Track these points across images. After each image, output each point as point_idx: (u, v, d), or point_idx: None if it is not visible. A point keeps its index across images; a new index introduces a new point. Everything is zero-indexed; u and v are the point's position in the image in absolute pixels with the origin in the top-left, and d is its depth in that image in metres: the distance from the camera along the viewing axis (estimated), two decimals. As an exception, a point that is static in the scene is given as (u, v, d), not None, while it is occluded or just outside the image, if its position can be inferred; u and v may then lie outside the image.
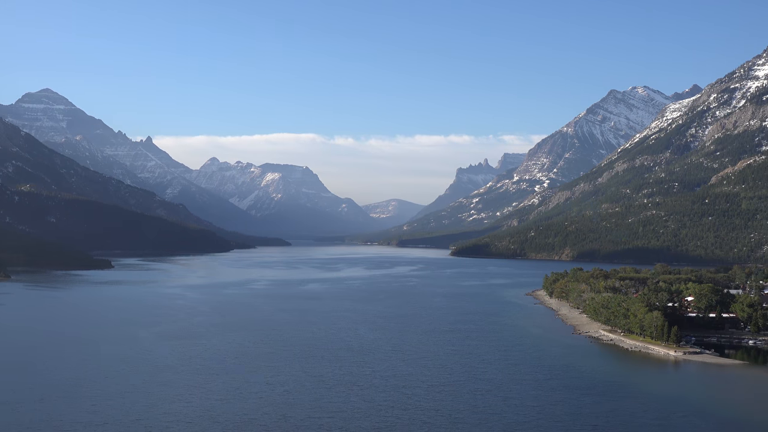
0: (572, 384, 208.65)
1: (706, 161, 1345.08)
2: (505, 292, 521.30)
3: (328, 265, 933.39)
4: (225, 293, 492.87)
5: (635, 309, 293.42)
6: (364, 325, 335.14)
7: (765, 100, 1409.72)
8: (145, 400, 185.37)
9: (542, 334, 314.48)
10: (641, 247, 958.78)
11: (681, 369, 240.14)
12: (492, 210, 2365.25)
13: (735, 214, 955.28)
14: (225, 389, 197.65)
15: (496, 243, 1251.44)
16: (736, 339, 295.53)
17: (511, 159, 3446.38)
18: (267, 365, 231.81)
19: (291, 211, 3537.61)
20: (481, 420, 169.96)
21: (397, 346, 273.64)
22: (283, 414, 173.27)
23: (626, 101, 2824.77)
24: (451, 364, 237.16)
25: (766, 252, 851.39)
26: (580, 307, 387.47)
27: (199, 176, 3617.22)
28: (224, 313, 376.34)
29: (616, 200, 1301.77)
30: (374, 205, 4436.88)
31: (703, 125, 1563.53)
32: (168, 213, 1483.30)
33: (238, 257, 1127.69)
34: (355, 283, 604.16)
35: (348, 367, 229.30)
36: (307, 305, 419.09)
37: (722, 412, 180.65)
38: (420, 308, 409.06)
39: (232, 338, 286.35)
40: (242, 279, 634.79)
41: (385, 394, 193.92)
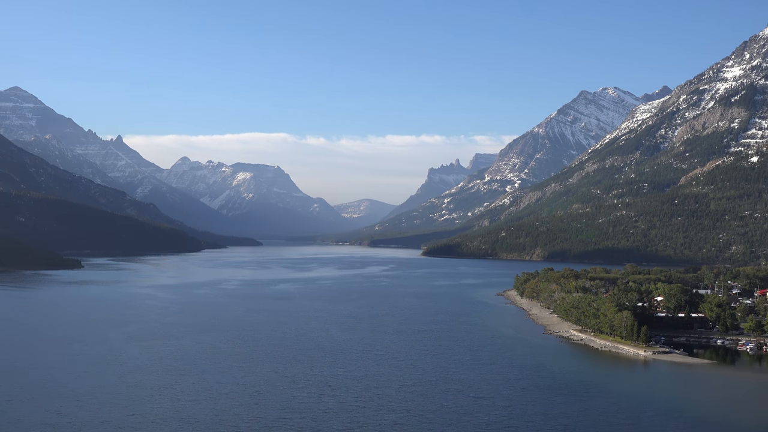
0: (543, 384, 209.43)
1: (675, 162, 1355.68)
2: (476, 292, 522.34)
3: (300, 265, 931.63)
4: (196, 293, 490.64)
5: (605, 309, 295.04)
6: (335, 325, 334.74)
7: (733, 101, 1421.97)
8: (114, 402, 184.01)
9: (513, 334, 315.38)
10: (611, 248, 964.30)
11: (650, 368, 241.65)
12: (463, 210, 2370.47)
13: (704, 214, 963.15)
14: (196, 390, 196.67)
15: (467, 243, 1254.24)
16: (705, 338, 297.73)
17: (483, 159, 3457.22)
18: (238, 366, 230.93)
19: (262, 210, 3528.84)
20: (452, 420, 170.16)
21: (369, 346, 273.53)
22: (255, 415, 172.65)
23: (597, 102, 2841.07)
24: (423, 365, 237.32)
25: (734, 252, 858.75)
26: (551, 307, 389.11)
27: (170, 176, 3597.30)
28: (195, 313, 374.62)
29: (587, 201, 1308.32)
30: (346, 205, 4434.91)
31: (672, 126, 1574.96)
32: (138, 212, 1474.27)
33: (209, 257, 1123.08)
34: (327, 283, 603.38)
35: (319, 368, 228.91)
36: (279, 305, 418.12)
37: (691, 411, 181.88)
38: (391, 308, 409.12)
39: (202, 339, 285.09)
40: (213, 279, 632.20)
41: (356, 394, 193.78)
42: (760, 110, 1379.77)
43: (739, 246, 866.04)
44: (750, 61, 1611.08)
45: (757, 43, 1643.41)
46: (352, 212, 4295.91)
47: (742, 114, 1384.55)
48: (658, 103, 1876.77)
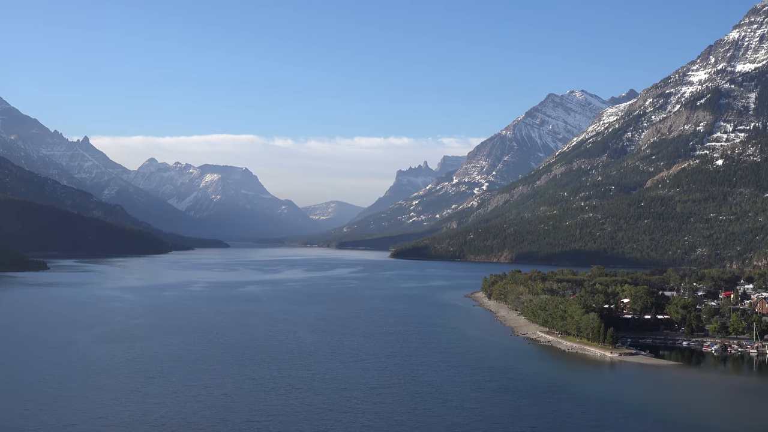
0: (511, 386, 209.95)
1: (642, 165, 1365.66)
2: (444, 294, 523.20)
3: (268, 266, 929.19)
4: (163, 295, 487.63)
5: (572, 311, 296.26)
6: (303, 327, 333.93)
7: (699, 105, 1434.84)
8: (79, 405, 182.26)
9: (481, 336, 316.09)
10: (578, 250, 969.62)
11: (617, 370, 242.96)
12: (431, 212, 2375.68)
13: (670, 217, 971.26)
14: (162, 393, 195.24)
15: (435, 245, 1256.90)
16: (671, 340, 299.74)
17: (451, 161, 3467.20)
18: (205, 368, 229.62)
19: (230, 212, 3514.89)
20: (420, 422, 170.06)
21: (337, 348, 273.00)
22: (222, 418, 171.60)
23: (564, 105, 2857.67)
24: (391, 367, 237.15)
25: (699, 254, 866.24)
26: (519, 309, 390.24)
27: (137, 177, 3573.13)
28: (162, 315, 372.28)
29: (554, 203, 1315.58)
30: (314, 206, 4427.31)
31: (639, 129, 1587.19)
32: (105, 214, 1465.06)
33: (176, 259, 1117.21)
34: (295, 285, 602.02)
35: (287, 370, 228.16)
36: (246, 307, 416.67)
37: (657, 412, 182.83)
38: (359, 310, 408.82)
39: (169, 341, 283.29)
40: (180, 281, 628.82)
41: (324, 396, 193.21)
42: (725, 114, 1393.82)
43: (705, 248, 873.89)
44: (715, 65, 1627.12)
45: (722, 47, 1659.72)
46: (321, 214, 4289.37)
47: (707, 117, 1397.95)
48: (625, 107, 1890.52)
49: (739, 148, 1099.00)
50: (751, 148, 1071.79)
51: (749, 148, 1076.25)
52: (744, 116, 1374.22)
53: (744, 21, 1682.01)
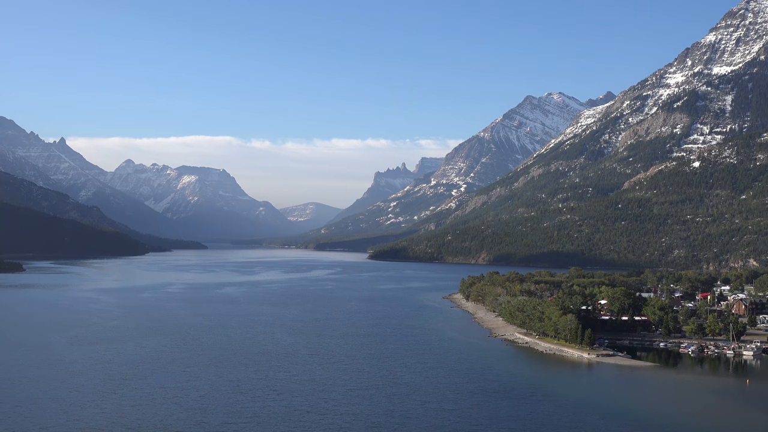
0: (489, 387, 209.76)
1: (619, 167, 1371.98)
2: (422, 296, 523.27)
3: (245, 268, 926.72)
4: (140, 297, 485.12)
5: (550, 312, 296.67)
6: (281, 328, 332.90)
7: (676, 107, 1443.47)
8: (55, 407, 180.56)
9: (459, 337, 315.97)
10: (556, 251, 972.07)
11: (594, 371, 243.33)
12: (410, 214, 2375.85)
13: (647, 218, 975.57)
14: (138, 395, 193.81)
15: (413, 247, 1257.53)
16: (648, 341, 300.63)
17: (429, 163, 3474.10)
18: (182, 370, 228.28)
19: (208, 214, 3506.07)
20: (398, 424, 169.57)
21: (315, 350, 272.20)
22: (199, 420, 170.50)
23: (542, 107, 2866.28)
24: (369, 368, 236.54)
25: (676, 256, 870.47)
26: (496, 310, 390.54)
27: (114, 178, 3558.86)
28: (138, 317, 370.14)
29: (532, 205, 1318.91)
30: (292, 208, 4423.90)
31: (616, 131, 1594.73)
32: (82, 215, 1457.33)
33: (153, 260, 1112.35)
34: (273, 287, 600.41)
35: (265, 372, 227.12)
36: (224, 309, 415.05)
37: (634, 413, 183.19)
38: (337, 312, 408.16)
39: (146, 343, 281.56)
40: (157, 282, 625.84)
41: (302, 398, 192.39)
42: (701, 116, 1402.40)
43: (682, 250, 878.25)
44: (692, 68, 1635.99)
45: (699, 50, 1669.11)
46: (298, 216, 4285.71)
47: (684, 120, 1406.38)
48: (603, 109, 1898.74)
49: (716, 150, 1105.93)
50: (728, 150, 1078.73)
51: (726, 150, 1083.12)
52: (720, 118, 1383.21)
53: (720, 24, 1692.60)
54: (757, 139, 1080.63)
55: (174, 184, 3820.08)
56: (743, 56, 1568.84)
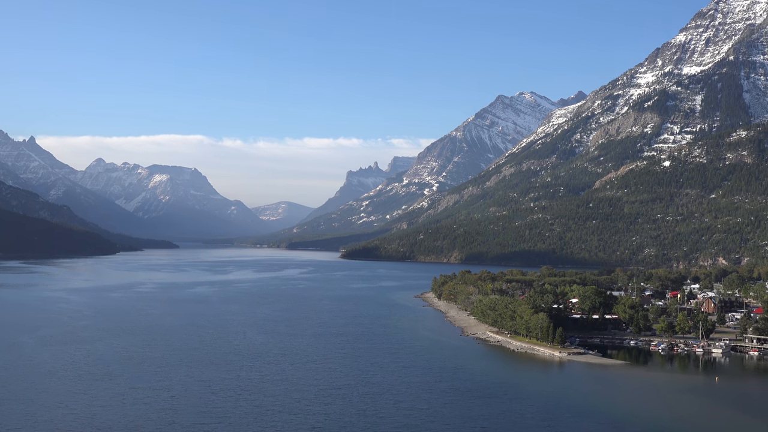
0: (462, 386, 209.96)
1: (590, 166, 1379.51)
2: (394, 295, 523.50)
3: (217, 267, 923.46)
4: (110, 297, 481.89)
5: (521, 311, 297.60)
6: (252, 328, 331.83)
7: (646, 107, 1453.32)
8: (24, 408, 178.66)
9: (431, 336, 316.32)
10: (528, 250, 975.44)
11: (566, 369, 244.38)
12: (382, 213, 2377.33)
13: (618, 217, 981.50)
14: (109, 395, 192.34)
15: (385, 246, 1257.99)
16: (618, 339, 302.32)
17: (401, 162, 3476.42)
18: (153, 370, 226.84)
19: (179, 213, 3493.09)
20: (371, 424, 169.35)
21: (286, 349, 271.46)
22: (170, 420, 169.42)
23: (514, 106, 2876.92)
24: (341, 368, 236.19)
25: (647, 255, 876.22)
26: (468, 309, 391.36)
27: (85, 177, 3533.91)
28: (109, 317, 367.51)
29: (504, 204, 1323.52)
30: (264, 207, 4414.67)
31: (587, 131, 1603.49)
32: (52, 215, 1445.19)
33: (124, 260, 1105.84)
34: (244, 286, 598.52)
35: (236, 372, 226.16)
36: (195, 309, 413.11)
37: (606, 411, 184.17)
38: (309, 311, 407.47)
39: (116, 343, 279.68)
40: (128, 282, 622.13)
41: (273, 398, 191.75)
42: (672, 116, 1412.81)
43: (652, 249, 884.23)
44: (662, 68, 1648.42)
45: (669, 50, 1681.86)
46: (270, 215, 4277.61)
47: (654, 119, 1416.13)
48: (574, 108, 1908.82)
49: (686, 150, 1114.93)
50: (698, 150, 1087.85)
51: (695, 150, 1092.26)
52: (690, 118, 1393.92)
53: (690, 24, 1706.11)
54: (727, 139, 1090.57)
55: (145, 183, 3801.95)
56: (713, 56, 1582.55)
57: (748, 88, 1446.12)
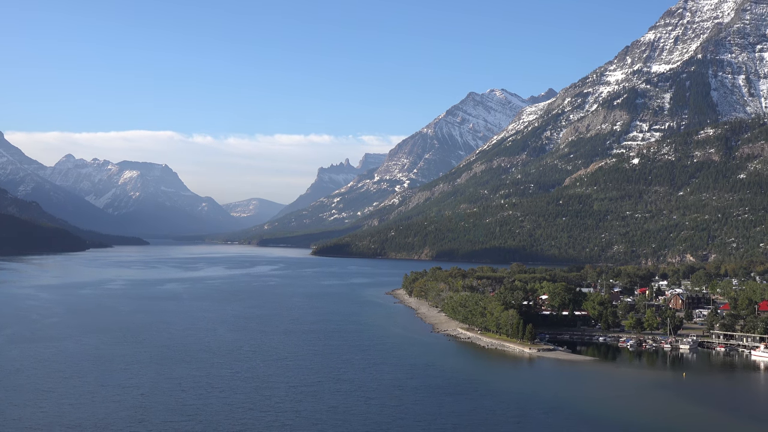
0: (433, 383, 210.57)
1: (560, 163, 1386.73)
2: (365, 292, 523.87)
3: (188, 264, 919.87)
4: (80, 294, 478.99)
5: (492, 307, 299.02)
6: (223, 325, 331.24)
7: (616, 105, 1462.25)
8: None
9: (402, 333, 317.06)
10: (498, 247, 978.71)
11: (535, 366, 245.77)
12: (353, 210, 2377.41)
13: (587, 214, 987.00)
14: (78, 393, 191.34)
15: (356, 242, 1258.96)
16: (588, 336, 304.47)
17: (373, 159, 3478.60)
18: (123, 368, 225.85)
19: (150, 209, 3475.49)
20: (342, 421, 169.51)
21: (257, 346, 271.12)
22: (140, 418, 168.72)
23: (484, 104, 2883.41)
24: (312, 365, 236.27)
25: (616, 252, 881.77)
26: (439, 305, 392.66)
27: (54, 173, 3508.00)
28: (79, 314, 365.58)
29: (475, 201, 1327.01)
30: (235, 204, 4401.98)
31: (557, 128, 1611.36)
32: (20, 211, 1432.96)
33: (94, 256, 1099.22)
34: (215, 283, 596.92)
35: (207, 369, 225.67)
36: (165, 306, 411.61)
37: (575, 407, 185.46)
38: (280, 308, 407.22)
39: (86, 340, 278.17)
40: (98, 279, 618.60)
41: (244, 395, 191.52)
42: (641, 113, 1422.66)
43: (621, 245, 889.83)
44: (632, 66, 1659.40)
45: (639, 48, 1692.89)
46: (242, 211, 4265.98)
47: (624, 117, 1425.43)
48: (544, 106, 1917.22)
49: (655, 147, 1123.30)
50: (666, 148, 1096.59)
51: (664, 147, 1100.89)
52: (659, 116, 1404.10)
53: (659, 23, 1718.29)
54: (695, 137, 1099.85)
55: (115, 180, 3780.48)
56: (681, 55, 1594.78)
57: (716, 86, 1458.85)
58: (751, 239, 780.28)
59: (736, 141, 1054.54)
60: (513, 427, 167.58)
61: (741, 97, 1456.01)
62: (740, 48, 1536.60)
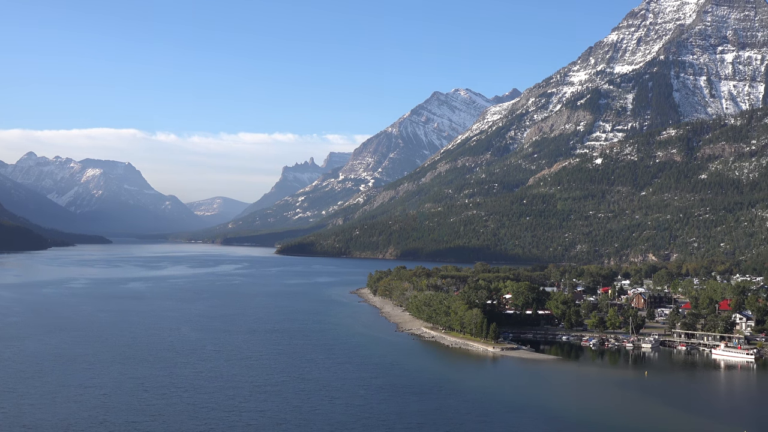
0: (398, 383, 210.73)
1: (524, 163, 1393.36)
2: (329, 291, 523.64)
3: (151, 263, 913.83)
4: (41, 293, 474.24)
5: (456, 307, 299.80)
6: (187, 324, 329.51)
7: (579, 105, 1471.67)
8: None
9: (367, 332, 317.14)
10: (462, 246, 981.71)
11: (499, 365, 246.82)
12: (318, 209, 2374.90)
13: (551, 214, 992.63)
14: (39, 394, 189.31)
15: (321, 241, 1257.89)
16: (551, 335, 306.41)
17: (337, 158, 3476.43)
18: (85, 368, 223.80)
19: (113, 208, 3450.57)
20: (306, 421, 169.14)
21: (221, 346, 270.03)
22: (102, 419, 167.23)
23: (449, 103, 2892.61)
24: (276, 364, 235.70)
25: (579, 251, 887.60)
26: (403, 305, 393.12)
27: (15, 171, 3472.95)
28: (40, 313, 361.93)
29: (439, 200, 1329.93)
30: (199, 202, 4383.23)
31: (521, 128, 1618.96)
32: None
33: (55, 255, 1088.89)
34: (179, 282, 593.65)
35: (170, 369, 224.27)
36: (128, 305, 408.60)
37: (539, 406, 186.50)
38: (244, 307, 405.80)
39: (47, 340, 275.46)
40: (60, 278, 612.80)
41: (208, 395, 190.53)
42: (604, 114, 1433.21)
43: (584, 245, 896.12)
44: (595, 66, 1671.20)
45: (602, 48, 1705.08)
46: (206, 210, 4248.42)
47: (587, 117, 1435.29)
48: (508, 105, 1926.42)
49: (617, 148, 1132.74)
50: (629, 148, 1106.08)
51: (627, 148, 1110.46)
52: (622, 116, 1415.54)
53: (623, 24, 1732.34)
54: (657, 137, 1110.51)
55: (78, 178, 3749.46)
56: (644, 56, 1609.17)
57: (678, 87, 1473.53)
58: (712, 239, 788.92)
59: (697, 142, 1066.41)
60: (477, 426, 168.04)
61: (702, 99, 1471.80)
62: (702, 50, 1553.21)
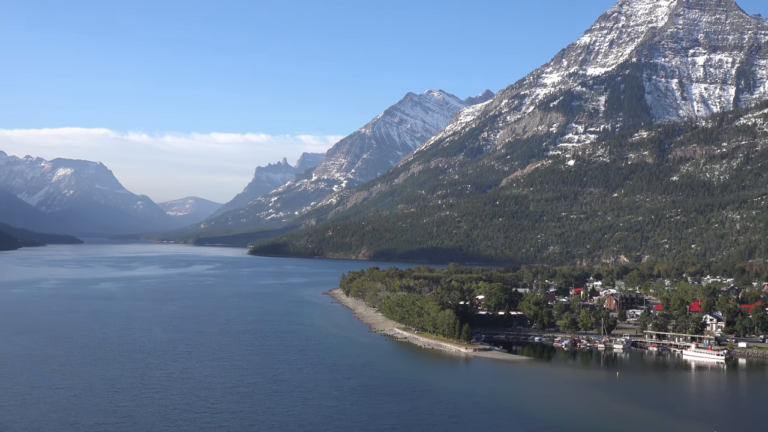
0: (370, 383, 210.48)
1: (497, 164, 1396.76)
2: (302, 291, 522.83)
3: (123, 263, 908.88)
4: (11, 293, 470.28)
5: (428, 307, 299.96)
6: (158, 325, 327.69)
7: (552, 106, 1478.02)
8: None
9: (339, 333, 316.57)
10: (435, 247, 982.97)
11: (472, 365, 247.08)
12: (290, 209, 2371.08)
13: (523, 215, 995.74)
14: (8, 395, 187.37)
15: (294, 242, 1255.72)
16: (523, 336, 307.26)
17: (310, 159, 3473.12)
18: (55, 369, 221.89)
19: (84, 208, 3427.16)
20: (279, 422, 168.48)
21: (193, 347, 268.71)
22: (72, 421, 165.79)
23: (423, 104, 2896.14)
24: (249, 366, 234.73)
25: (551, 252, 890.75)
26: (376, 305, 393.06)
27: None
28: (9, 313, 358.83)
29: (412, 201, 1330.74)
30: (171, 202, 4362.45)
31: (494, 129, 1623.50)
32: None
33: (25, 255, 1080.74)
34: (150, 283, 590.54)
35: (141, 370, 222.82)
36: (99, 305, 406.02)
37: (511, 407, 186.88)
38: (217, 308, 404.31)
39: (17, 340, 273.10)
40: (30, 278, 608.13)
41: (179, 396, 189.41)
42: (576, 115, 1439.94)
43: (556, 246, 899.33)
44: (568, 68, 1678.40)
45: (575, 51, 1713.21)
46: (178, 210, 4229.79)
47: (560, 119, 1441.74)
48: (482, 107, 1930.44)
49: (590, 149, 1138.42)
50: (601, 150, 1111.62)
51: (599, 149, 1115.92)
52: (594, 118, 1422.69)
53: (595, 26, 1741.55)
54: (629, 139, 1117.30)
55: (49, 177, 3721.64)
56: (616, 58, 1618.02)
57: (650, 89, 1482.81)
58: (683, 240, 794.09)
59: (669, 144, 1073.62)
60: (450, 427, 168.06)
61: (674, 101, 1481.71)
62: (674, 52, 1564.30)
